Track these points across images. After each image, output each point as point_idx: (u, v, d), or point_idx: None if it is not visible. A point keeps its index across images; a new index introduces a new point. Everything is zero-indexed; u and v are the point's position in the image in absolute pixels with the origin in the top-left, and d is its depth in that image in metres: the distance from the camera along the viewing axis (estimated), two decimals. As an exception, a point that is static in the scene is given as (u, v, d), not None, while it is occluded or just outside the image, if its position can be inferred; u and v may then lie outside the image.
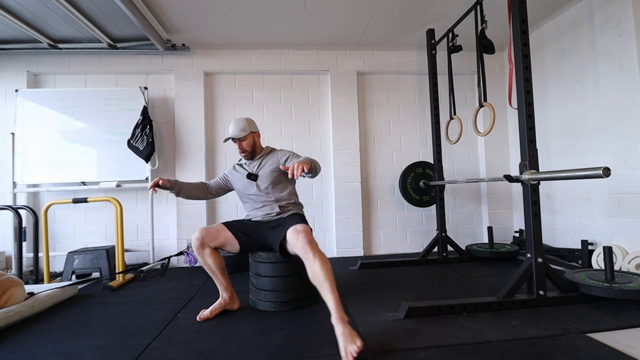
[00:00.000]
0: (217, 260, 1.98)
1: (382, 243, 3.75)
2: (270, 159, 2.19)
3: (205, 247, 1.95)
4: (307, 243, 1.70)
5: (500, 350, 1.47)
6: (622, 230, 2.53)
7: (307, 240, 1.71)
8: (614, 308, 1.88)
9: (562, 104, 3.11)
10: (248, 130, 2.15)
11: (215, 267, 1.98)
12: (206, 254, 1.96)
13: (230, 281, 2.05)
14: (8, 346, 1.66)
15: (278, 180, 2.16)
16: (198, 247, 1.94)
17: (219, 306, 2.00)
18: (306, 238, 1.72)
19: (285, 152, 2.20)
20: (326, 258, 1.69)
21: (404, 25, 3.34)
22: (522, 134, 2.09)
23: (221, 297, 2.02)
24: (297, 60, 3.71)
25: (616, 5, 2.51)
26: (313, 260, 1.65)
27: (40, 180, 3.26)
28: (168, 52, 3.51)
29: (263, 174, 2.16)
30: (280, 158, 2.16)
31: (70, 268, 2.88)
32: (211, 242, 1.96)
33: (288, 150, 2.22)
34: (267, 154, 2.23)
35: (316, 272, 1.63)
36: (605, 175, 1.51)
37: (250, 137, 2.18)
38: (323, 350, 1.51)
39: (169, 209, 3.54)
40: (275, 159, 2.18)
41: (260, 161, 2.21)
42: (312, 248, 1.69)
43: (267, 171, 2.15)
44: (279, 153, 2.21)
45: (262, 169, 2.17)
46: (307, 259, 1.67)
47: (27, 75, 3.44)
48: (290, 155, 2.17)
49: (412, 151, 3.84)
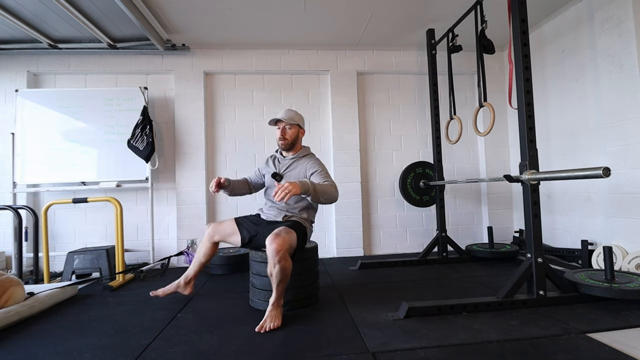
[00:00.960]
0: (206, 255, 2.16)
1: (382, 243, 3.75)
2: (300, 165, 2.15)
3: (210, 240, 2.14)
4: (275, 254, 1.78)
5: (500, 350, 1.47)
6: (622, 230, 2.53)
7: (275, 252, 1.78)
8: (614, 308, 1.88)
9: (562, 104, 3.11)
10: (297, 121, 2.14)
11: (202, 259, 2.16)
12: (206, 245, 2.14)
13: (197, 276, 2.22)
14: (8, 346, 1.66)
15: None
16: (205, 238, 2.15)
17: (172, 289, 2.17)
18: (275, 250, 1.78)
19: (314, 165, 2.10)
20: (288, 266, 1.83)
21: (404, 25, 3.34)
22: (522, 134, 2.09)
23: (178, 281, 2.18)
24: (297, 60, 3.71)
25: (616, 5, 2.51)
26: (273, 267, 1.81)
27: (40, 180, 3.26)
28: (168, 52, 3.51)
29: (288, 177, 2.13)
30: (309, 169, 2.10)
31: (70, 268, 2.88)
32: (217, 235, 2.14)
33: (319, 165, 2.11)
34: (301, 158, 2.18)
35: (273, 274, 1.82)
36: (605, 175, 1.51)
37: (296, 128, 2.16)
38: (323, 350, 1.51)
39: (169, 209, 3.54)
40: (304, 167, 2.13)
41: (291, 162, 2.18)
42: (276, 259, 1.78)
43: (294, 176, 2.12)
44: (310, 163, 2.13)
45: (290, 172, 2.15)
46: (270, 263, 1.82)
47: (27, 75, 3.44)
48: (316, 172, 2.05)
49: (412, 151, 3.84)
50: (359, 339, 1.62)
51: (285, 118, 2.11)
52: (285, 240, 1.84)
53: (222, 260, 3.04)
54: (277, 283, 1.83)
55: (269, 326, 1.72)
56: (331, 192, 1.93)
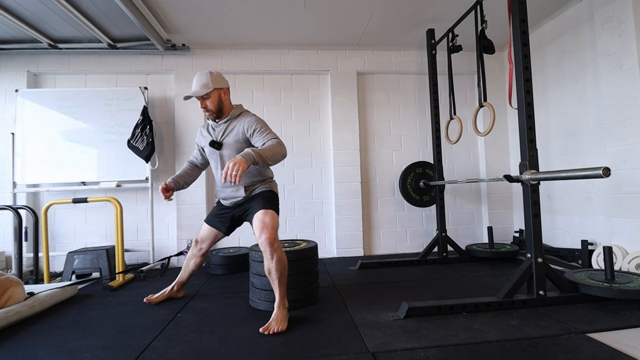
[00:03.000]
0: (196, 264, 2.24)
1: (382, 243, 3.75)
2: (237, 126, 1.95)
3: (200, 254, 2.20)
4: (269, 245, 1.81)
5: (500, 350, 1.47)
6: (622, 230, 2.53)
7: (268, 242, 1.81)
8: (614, 308, 1.88)
9: (562, 104, 3.11)
10: (212, 86, 1.90)
11: (191, 267, 2.25)
12: (197, 261, 2.23)
13: (188, 281, 2.33)
14: (8, 346, 1.66)
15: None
16: (195, 252, 2.22)
17: (165, 295, 2.26)
18: (268, 239, 1.81)
19: (252, 122, 1.92)
20: (284, 256, 1.86)
21: (404, 25, 3.34)
22: (522, 134, 2.09)
23: (170, 287, 2.28)
24: (297, 60, 3.71)
25: (616, 5, 2.51)
26: (271, 260, 1.82)
27: (40, 180, 3.26)
28: (168, 52, 3.51)
29: (228, 143, 1.95)
30: (247, 129, 1.91)
31: (70, 268, 2.88)
32: (204, 244, 2.18)
33: (256, 120, 1.94)
34: (236, 118, 1.99)
35: (272, 270, 1.83)
36: (605, 175, 1.51)
37: (215, 94, 1.93)
38: (323, 350, 1.51)
39: (169, 209, 3.53)
40: (241, 127, 1.93)
41: (226, 126, 1.98)
42: (272, 250, 1.81)
43: (232, 140, 1.94)
44: (246, 121, 1.93)
45: (227, 137, 1.95)
46: (266, 258, 1.84)
47: (27, 75, 3.44)
48: (255, 131, 1.89)
49: (412, 151, 3.84)
50: (359, 339, 1.62)
51: (197, 93, 1.90)
52: (273, 227, 1.87)
53: (222, 260, 3.03)
54: (277, 279, 1.82)
55: (274, 329, 1.70)
56: (278, 151, 1.81)
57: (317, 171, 3.73)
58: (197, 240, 2.19)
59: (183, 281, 2.30)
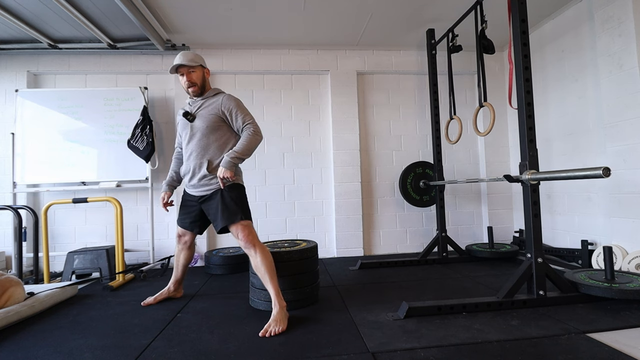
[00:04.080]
0: (185, 257, 2.26)
1: (382, 243, 3.75)
2: (214, 102, 2.00)
3: (185, 248, 2.24)
4: (248, 242, 1.90)
5: (500, 350, 1.47)
6: (622, 230, 2.53)
7: (247, 240, 1.90)
8: (614, 308, 1.88)
9: (562, 104, 3.11)
10: (198, 62, 1.99)
11: (182, 261, 2.26)
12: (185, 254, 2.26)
13: (184, 277, 2.34)
14: (8, 346, 1.66)
15: (216, 125, 1.98)
16: (181, 247, 2.26)
17: (164, 294, 2.26)
18: (246, 238, 1.90)
19: (230, 102, 1.98)
20: (266, 251, 1.93)
21: (404, 25, 3.34)
22: (522, 134, 2.09)
23: (167, 287, 2.29)
24: (297, 60, 3.71)
25: (616, 5, 2.51)
26: (255, 256, 1.89)
27: (40, 180, 3.26)
28: (168, 52, 3.51)
29: (201, 115, 1.99)
30: (224, 108, 1.97)
31: (70, 268, 2.88)
32: (186, 237, 2.22)
33: (233, 100, 2.00)
34: (213, 96, 2.05)
35: (258, 266, 1.88)
36: (605, 175, 1.51)
37: (200, 70, 2.01)
38: (323, 350, 1.51)
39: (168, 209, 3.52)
40: (218, 103, 1.99)
41: (203, 102, 2.03)
42: (252, 245, 1.90)
43: (206, 113, 1.99)
44: (224, 99, 1.99)
45: (202, 110, 2.00)
46: (250, 255, 1.92)
47: (27, 75, 3.44)
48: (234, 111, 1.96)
49: (412, 151, 3.84)
50: (359, 339, 1.62)
51: (186, 62, 1.95)
52: (246, 226, 1.93)
53: (222, 260, 3.03)
54: (266, 273, 1.86)
55: (274, 330, 1.69)
56: (253, 142, 1.95)
57: (317, 171, 3.73)
58: (179, 235, 2.23)
59: (178, 278, 2.30)
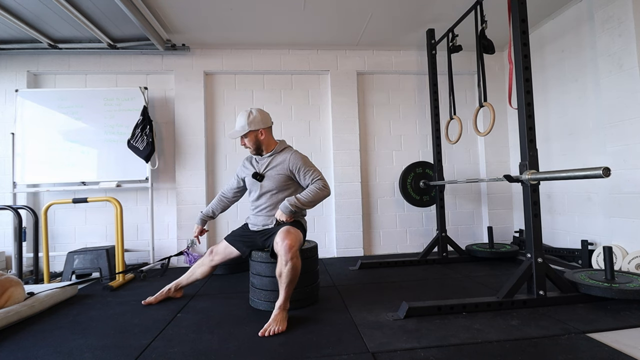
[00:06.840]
0: (203, 273, 2.23)
1: (382, 243, 3.75)
2: (280, 161, 2.06)
3: (210, 264, 2.20)
4: (288, 250, 1.82)
5: (500, 350, 1.47)
6: (622, 230, 2.53)
7: (288, 248, 1.82)
8: (614, 308, 1.88)
9: (562, 104, 3.11)
10: (247, 128, 2.01)
11: (197, 275, 2.24)
12: (205, 270, 2.22)
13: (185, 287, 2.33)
14: (8, 346, 1.66)
15: (285, 185, 2.06)
16: (206, 261, 2.22)
17: (164, 294, 2.26)
18: (288, 245, 1.82)
19: (296, 161, 2.04)
20: (299, 265, 1.86)
21: (403, 25, 3.34)
22: (522, 134, 2.09)
23: (168, 287, 2.28)
24: (297, 60, 3.71)
25: (616, 5, 2.51)
26: (284, 266, 1.82)
27: (40, 180, 3.26)
28: (168, 52, 3.51)
29: (270, 176, 2.06)
30: (292, 167, 2.04)
31: (70, 268, 2.88)
32: (217, 257, 2.19)
33: (302, 160, 2.05)
34: (279, 153, 2.10)
35: (283, 274, 1.83)
36: (605, 175, 1.51)
37: (252, 135, 2.05)
38: (323, 350, 1.51)
39: (169, 209, 3.54)
40: (286, 163, 2.05)
41: (270, 160, 2.09)
42: (289, 256, 1.81)
43: (274, 173, 2.05)
44: (291, 158, 2.05)
45: (270, 170, 2.07)
46: (281, 262, 1.84)
47: (27, 75, 3.44)
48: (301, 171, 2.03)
49: (412, 151, 3.84)
50: (359, 339, 1.62)
51: (232, 136, 2.07)
52: (297, 237, 1.88)
53: (222, 260, 3.03)
54: (286, 283, 1.82)
55: (274, 330, 1.69)
56: (319, 196, 1.99)
57: (317, 171, 3.72)
58: (212, 251, 2.20)
59: (182, 285, 2.29)
